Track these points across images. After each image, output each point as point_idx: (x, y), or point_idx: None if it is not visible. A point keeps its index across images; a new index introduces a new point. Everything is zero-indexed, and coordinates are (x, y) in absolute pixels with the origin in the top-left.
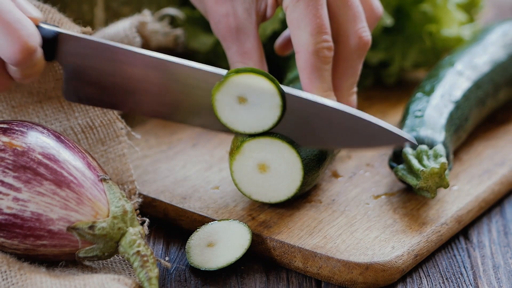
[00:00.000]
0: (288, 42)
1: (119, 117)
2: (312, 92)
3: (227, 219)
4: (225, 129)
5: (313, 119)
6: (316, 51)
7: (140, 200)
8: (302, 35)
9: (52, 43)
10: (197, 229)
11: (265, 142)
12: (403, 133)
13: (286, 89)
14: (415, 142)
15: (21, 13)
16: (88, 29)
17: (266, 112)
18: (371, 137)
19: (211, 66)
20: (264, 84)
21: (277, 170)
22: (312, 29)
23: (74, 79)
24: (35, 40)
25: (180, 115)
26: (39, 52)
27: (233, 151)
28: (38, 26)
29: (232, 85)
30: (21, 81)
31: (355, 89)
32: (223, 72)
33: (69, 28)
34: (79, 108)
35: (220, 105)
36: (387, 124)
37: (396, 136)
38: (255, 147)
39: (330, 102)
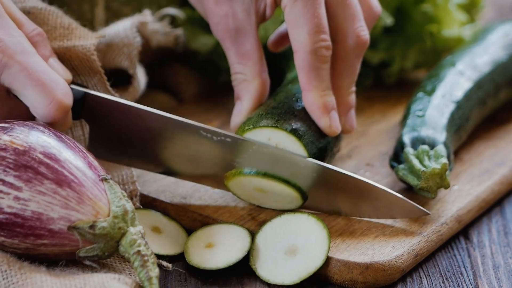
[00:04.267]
0: (282, 39)
1: None
2: (311, 91)
3: (228, 223)
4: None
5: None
6: (314, 51)
7: (140, 206)
8: (300, 35)
9: (79, 103)
10: (196, 230)
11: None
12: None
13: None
14: (429, 213)
15: (55, 73)
16: (101, 34)
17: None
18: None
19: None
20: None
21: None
22: (310, 29)
23: (97, 136)
24: (70, 99)
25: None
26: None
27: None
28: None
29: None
30: None
31: (353, 88)
32: (235, 136)
33: (81, 32)
34: None
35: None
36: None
37: (415, 209)
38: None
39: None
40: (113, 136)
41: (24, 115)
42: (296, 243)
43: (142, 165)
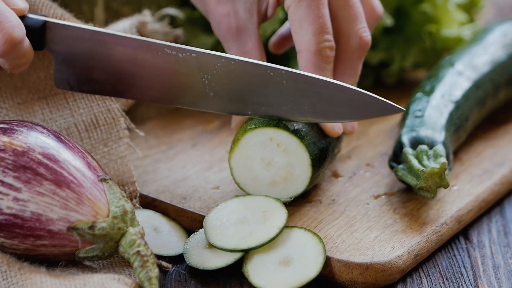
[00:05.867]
0: (283, 40)
1: (123, 113)
2: None
3: None
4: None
5: (308, 94)
6: (318, 51)
7: (140, 207)
8: (305, 35)
9: (40, 32)
10: (196, 231)
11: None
12: (394, 104)
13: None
14: (403, 109)
15: (3, 4)
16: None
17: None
18: (364, 107)
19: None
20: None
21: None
22: (314, 29)
23: (64, 66)
24: (19, 31)
25: (171, 97)
26: (26, 42)
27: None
28: (25, 16)
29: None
30: (12, 71)
31: None
32: (210, 53)
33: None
34: (84, 104)
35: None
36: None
37: (389, 106)
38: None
39: (324, 77)
40: (79, 65)
41: None
42: (290, 255)
43: (114, 93)
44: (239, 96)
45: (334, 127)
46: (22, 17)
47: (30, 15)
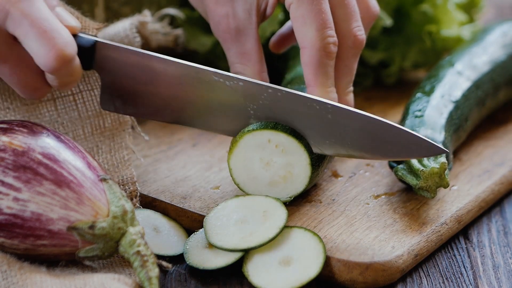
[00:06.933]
0: (283, 40)
1: (132, 118)
2: (317, 88)
3: None
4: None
5: (352, 129)
6: (322, 47)
7: (140, 207)
8: (308, 31)
9: (89, 52)
10: (196, 231)
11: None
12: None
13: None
14: (447, 151)
15: (58, 22)
16: (101, 24)
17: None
18: (409, 147)
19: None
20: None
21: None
22: (318, 25)
23: (110, 88)
24: (71, 48)
25: (216, 125)
26: (76, 61)
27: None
28: (76, 35)
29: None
30: (59, 89)
31: (351, 88)
32: (258, 83)
33: (83, 23)
34: (92, 107)
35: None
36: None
37: (433, 147)
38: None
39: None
40: (126, 87)
41: (32, 63)
42: (290, 254)
43: (158, 116)
44: None
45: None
46: (73, 36)
47: (81, 35)
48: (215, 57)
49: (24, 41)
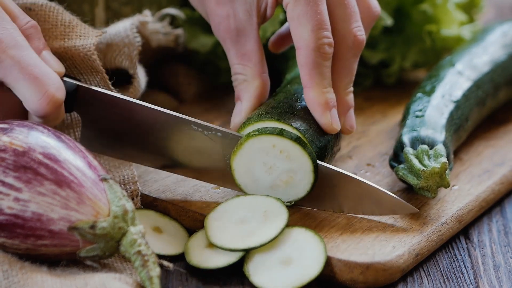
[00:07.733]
0: (282, 40)
1: None
2: (312, 88)
3: None
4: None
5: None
6: (317, 47)
7: (141, 206)
8: (304, 32)
9: (71, 96)
10: (197, 230)
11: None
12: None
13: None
14: (417, 211)
15: (47, 67)
16: (100, 32)
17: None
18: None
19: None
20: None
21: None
22: (313, 26)
23: (90, 129)
24: (62, 93)
25: (194, 172)
26: (63, 104)
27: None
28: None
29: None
30: None
31: (351, 88)
32: (236, 135)
33: (82, 30)
34: None
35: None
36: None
37: (408, 208)
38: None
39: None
40: (106, 129)
41: (18, 108)
42: (291, 254)
43: (136, 159)
44: None
45: (332, 123)
46: None
47: (65, 79)
48: (216, 57)
49: (15, 87)
